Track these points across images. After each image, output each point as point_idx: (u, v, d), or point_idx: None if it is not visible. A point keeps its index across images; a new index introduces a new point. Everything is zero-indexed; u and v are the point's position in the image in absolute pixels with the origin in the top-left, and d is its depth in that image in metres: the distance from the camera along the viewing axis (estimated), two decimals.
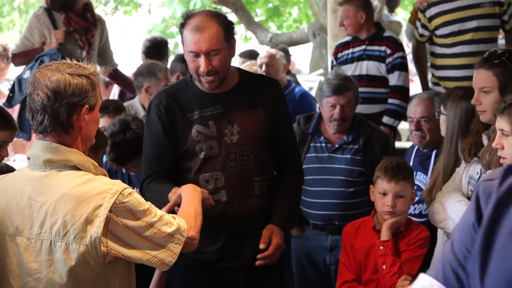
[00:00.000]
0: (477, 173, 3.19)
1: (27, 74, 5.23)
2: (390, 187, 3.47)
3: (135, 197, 2.42)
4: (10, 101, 5.39)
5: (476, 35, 5.11)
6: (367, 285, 3.54)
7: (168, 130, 3.29)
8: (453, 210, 3.20)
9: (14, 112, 6.09)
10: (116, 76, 5.97)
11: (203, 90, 3.31)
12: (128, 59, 13.01)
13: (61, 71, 2.41)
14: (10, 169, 3.45)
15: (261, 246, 3.22)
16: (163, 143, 3.31)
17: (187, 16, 3.20)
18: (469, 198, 3.22)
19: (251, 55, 8.14)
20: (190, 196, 2.84)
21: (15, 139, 6.36)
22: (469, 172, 3.26)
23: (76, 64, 2.48)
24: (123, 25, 16.53)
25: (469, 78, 4.97)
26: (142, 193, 3.33)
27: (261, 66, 6.22)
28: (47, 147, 2.45)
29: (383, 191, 3.50)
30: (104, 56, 5.79)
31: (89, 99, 2.45)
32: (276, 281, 3.47)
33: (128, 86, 5.96)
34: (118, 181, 2.47)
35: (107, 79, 6.37)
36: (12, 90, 5.33)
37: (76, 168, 2.44)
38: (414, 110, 4.14)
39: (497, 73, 3.06)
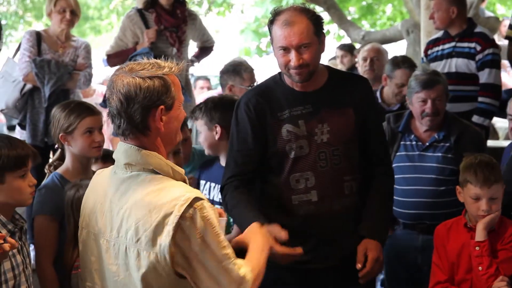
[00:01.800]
0: None
1: None
2: (484, 192, 3.38)
3: (207, 213, 2.35)
4: (106, 101, 5.54)
5: None
6: (460, 285, 3.47)
7: (257, 129, 3.29)
8: None
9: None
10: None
11: (292, 88, 3.29)
12: (221, 59, 13.15)
13: (134, 74, 2.39)
14: (109, 153, 3.58)
15: (358, 266, 3.19)
16: (250, 142, 3.30)
17: (276, 13, 3.20)
18: None
19: (350, 48, 8.09)
20: (259, 243, 2.69)
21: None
22: None
23: (150, 64, 2.44)
24: (216, 25, 16.70)
25: None
26: (222, 191, 3.35)
27: (365, 59, 6.10)
28: (127, 150, 2.45)
29: (476, 196, 3.40)
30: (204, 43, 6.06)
31: (164, 100, 2.41)
32: (367, 282, 3.41)
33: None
34: (195, 191, 2.41)
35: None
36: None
37: (155, 172, 2.42)
38: None
39: None
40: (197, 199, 2.35)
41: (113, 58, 5.60)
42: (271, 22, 3.20)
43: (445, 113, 4.16)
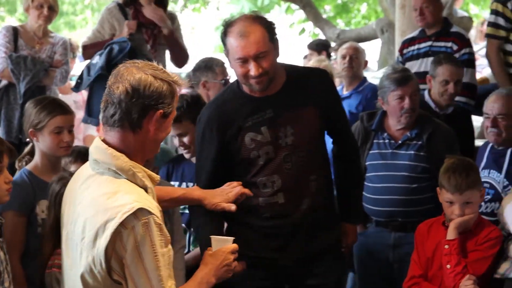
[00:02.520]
0: None
1: (96, 59, 5.32)
2: (456, 198, 3.43)
3: (150, 230, 2.33)
4: (78, 87, 5.50)
5: None
6: (432, 280, 3.51)
7: (220, 144, 3.30)
8: (506, 212, 3.14)
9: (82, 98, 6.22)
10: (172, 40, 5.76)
11: (251, 95, 3.29)
12: (196, 56, 13.12)
13: (146, 71, 2.41)
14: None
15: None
16: (216, 158, 3.32)
17: (228, 24, 3.18)
18: None
19: (319, 45, 8.09)
20: (202, 273, 2.66)
21: (87, 134, 6.48)
22: None
23: (162, 68, 2.46)
24: (191, 22, 16.67)
25: None
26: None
27: (344, 57, 6.12)
28: (98, 147, 2.46)
29: (449, 200, 3.46)
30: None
31: (165, 106, 2.43)
32: (336, 276, 3.49)
33: (178, 54, 5.70)
34: (147, 202, 2.37)
35: None
36: (80, 76, 5.44)
37: (117, 173, 2.41)
38: (492, 106, 4.07)
39: None
40: (144, 212, 2.33)
41: (89, 49, 5.56)
42: (224, 34, 3.19)
43: (418, 111, 4.20)
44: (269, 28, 3.17)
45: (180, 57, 5.66)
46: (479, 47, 8.18)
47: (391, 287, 4.22)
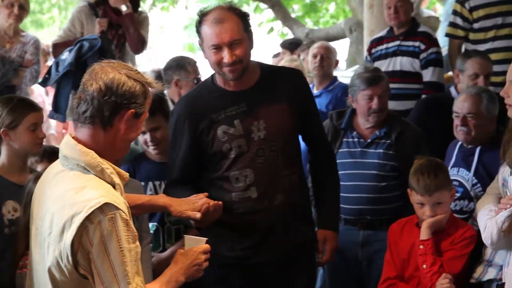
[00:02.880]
0: (509, 174, 3.15)
1: (65, 55, 5.28)
2: (425, 199, 3.46)
3: (117, 225, 2.33)
4: (45, 82, 5.44)
5: None
6: (409, 281, 3.53)
7: (192, 138, 3.31)
8: (480, 219, 3.17)
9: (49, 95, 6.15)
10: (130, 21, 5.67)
11: (225, 89, 3.31)
12: (165, 55, 13.06)
13: (120, 70, 2.44)
14: (55, 150, 3.56)
15: (319, 256, 3.47)
16: (188, 152, 3.33)
17: (203, 13, 3.20)
18: None
19: (292, 44, 8.10)
20: (171, 272, 2.65)
21: (49, 133, 6.43)
22: (503, 174, 3.21)
23: (136, 69, 2.50)
24: (160, 21, 16.61)
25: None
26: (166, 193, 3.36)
27: (315, 56, 6.12)
28: (67, 142, 2.47)
29: (419, 202, 3.48)
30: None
31: (137, 106, 2.45)
32: (307, 275, 3.49)
33: (134, 37, 5.64)
34: (114, 198, 2.38)
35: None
36: (48, 71, 5.39)
37: (86, 169, 2.42)
38: (461, 105, 4.10)
39: None
40: (110, 207, 2.34)
41: (60, 48, 5.52)
42: (199, 23, 3.20)
43: (387, 111, 4.23)
44: (243, 18, 3.20)
45: (137, 41, 5.61)
46: None
47: (359, 284, 4.25)
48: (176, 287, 2.60)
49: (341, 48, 12.23)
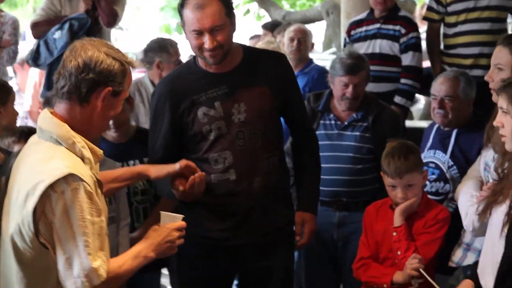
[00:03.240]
0: (491, 159, 3.17)
1: (57, 35, 5.23)
2: (397, 182, 3.48)
3: (80, 196, 2.36)
4: (36, 61, 5.39)
5: (483, 14, 5.09)
6: (384, 263, 3.55)
7: (173, 119, 3.31)
8: (461, 204, 3.19)
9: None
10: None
11: (206, 71, 3.31)
12: (142, 36, 12.99)
13: (100, 48, 2.47)
14: (33, 131, 3.56)
15: (297, 238, 3.44)
16: (169, 132, 3.34)
17: None
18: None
19: (274, 26, 8.07)
20: (140, 247, 2.63)
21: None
22: (485, 158, 3.24)
23: (117, 48, 2.53)
24: (136, 2, 16.50)
25: (482, 56, 4.96)
26: None
27: (292, 40, 6.10)
28: (44, 115, 2.51)
29: (391, 184, 3.50)
30: None
31: (115, 84, 2.49)
32: (286, 258, 3.51)
33: (106, 10, 5.56)
34: (79, 169, 2.40)
35: None
36: (37, 50, 5.33)
37: (58, 142, 2.46)
38: (439, 88, 4.12)
39: None
40: (75, 178, 2.37)
41: (41, 26, 5.46)
42: (181, 6, 3.19)
43: (364, 93, 4.24)
44: (226, 2, 3.19)
45: (109, 15, 5.53)
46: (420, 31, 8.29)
47: (335, 264, 4.29)
48: (143, 262, 2.59)
49: (318, 30, 12.24)
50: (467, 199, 3.14)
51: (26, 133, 3.60)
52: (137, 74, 6.33)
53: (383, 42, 5.38)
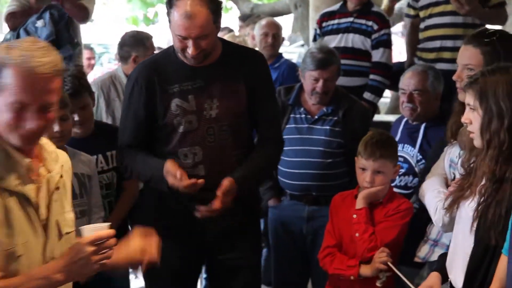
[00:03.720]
0: (457, 156, 3.20)
1: (39, 24, 5.17)
2: (369, 164, 3.50)
3: None
4: None
5: (447, 7, 5.14)
6: (347, 252, 3.57)
7: (148, 104, 3.30)
8: (429, 201, 3.21)
9: None
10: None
11: (184, 63, 3.30)
12: (110, 28, 12.89)
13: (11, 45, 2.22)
14: None
15: (218, 192, 3.19)
16: (142, 116, 3.33)
17: None
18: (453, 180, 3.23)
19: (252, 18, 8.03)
20: (50, 265, 2.29)
21: None
22: (450, 155, 3.26)
23: (8, 46, 2.23)
24: None
25: (445, 49, 5.03)
26: (121, 156, 3.41)
27: (266, 35, 6.01)
28: None
29: (363, 167, 3.53)
30: None
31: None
32: (252, 251, 3.54)
33: (74, 9, 5.47)
34: None
35: None
36: (17, 38, 5.26)
37: None
38: (408, 82, 4.15)
39: (485, 52, 3.03)
40: None
41: (19, 17, 5.39)
42: (169, 5, 3.17)
43: (335, 88, 4.25)
44: (215, 9, 3.17)
45: (77, 12, 5.46)
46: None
47: (304, 258, 4.30)
48: (43, 285, 2.25)
49: (285, 23, 12.25)
50: (435, 195, 3.16)
51: None
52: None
53: (355, 36, 5.38)
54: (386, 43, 5.37)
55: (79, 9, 5.42)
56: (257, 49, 6.04)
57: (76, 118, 3.61)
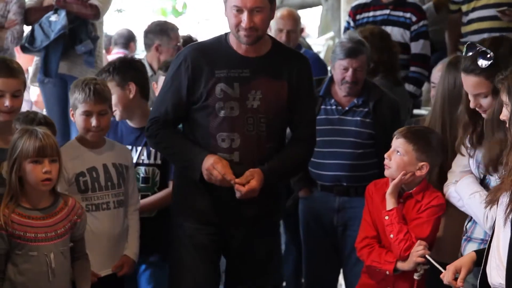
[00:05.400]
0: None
1: (53, 18, 5.22)
2: (393, 142, 3.44)
3: None
4: (32, 44, 5.36)
5: (491, 0, 5.12)
6: (383, 244, 3.53)
7: (191, 85, 3.36)
8: (469, 205, 3.17)
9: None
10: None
11: (235, 51, 3.37)
12: (137, 19, 12.91)
13: None
14: (48, 121, 3.57)
15: (237, 180, 3.26)
16: (183, 94, 3.38)
17: None
18: (481, 181, 3.21)
19: None
20: None
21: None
22: (476, 156, 3.23)
23: None
24: None
25: None
26: (149, 129, 3.43)
27: (280, 31, 5.53)
28: None
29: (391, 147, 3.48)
30: None
31: None
32: (270, 242, 3.62)
33: (82, 10, 5.47)
34: None
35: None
36: (32, 34, 5.31)
37: None
38: (437, 75, 4.11)
39: (489, 76, 2.95)
40: None
41: (36, 12, 5.42)
42: None
43: (364, 80, 4.25)
44: None
45: (85, 13, 5.46)
46: None
47: (335, 249, 4.32)
48: None
49: (314, 15, 12.20)
50: (480, 200, 3.10)
51: (31, 119, 3.55)
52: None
53: (394, 29, 5.35)
54: (425, 35, 5.37)
55: (87, 9, 5.43)
56: None
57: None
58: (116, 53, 6.72)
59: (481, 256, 2.80)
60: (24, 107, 3.72)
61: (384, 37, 4.90)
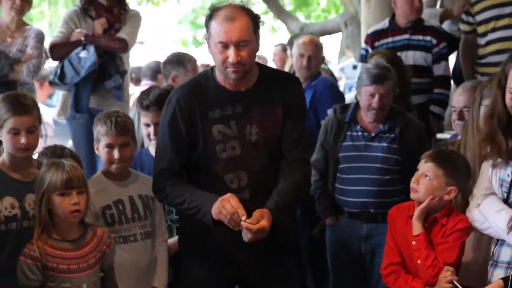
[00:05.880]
0: (509, 174, 3.14)
1: (83, 54, 5.26)
2: (421, 165, 3.37)
3: None
4: (62, 80, 5.40)
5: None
6: (409, 269, 3.49)
7: (188, 127, 3.28)
8: (495, 223, 3.13)
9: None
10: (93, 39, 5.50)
11: (224, 87, 3.28)
12: (158, 51, 13.03)
13: None
14: (74, 155, 3.57)
15: (249, 221, 3.14)
16: (183, 139, 3.29)
17: (215, 8, 3.18)
18: (505, 201, 3.16)
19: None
20: None
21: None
22: (498, 175, 3.20)
23: None
24: (152, 16, 16.59)
25: None
26: (157, 183, 3.34)
27: (302, 56, 5.46)
28: None
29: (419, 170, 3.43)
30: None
31: None
32: (289, 269, 3.50)
33: (111, 44, 5.51)
34: None
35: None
36: (62, 70, 5.35)
37: None
38: (458, 99, 4.07)
39: None
40: None
41: (60, 48, 5.47)
42: (209, 18, 3.19)
43: (390, 106, 4.23)
44: (254, 19, 3.18)
45: (113, 47, 5.48)
46: None
47: (363, 277, 4.28)
48: None
49: (334, 41, 12.26)
50: (501, 218, 3.07)
51: (58, 153, 3.54)
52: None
53: (416, 53, 5.37)
54: (445, 56, 5.39)
55: (116, 42, 5.47)
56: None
57: (152, 131, 3.75)
58: (145, 85, 6.76)
59: (507, 283, 2.77)
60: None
61: (396, 62, 4.88)
